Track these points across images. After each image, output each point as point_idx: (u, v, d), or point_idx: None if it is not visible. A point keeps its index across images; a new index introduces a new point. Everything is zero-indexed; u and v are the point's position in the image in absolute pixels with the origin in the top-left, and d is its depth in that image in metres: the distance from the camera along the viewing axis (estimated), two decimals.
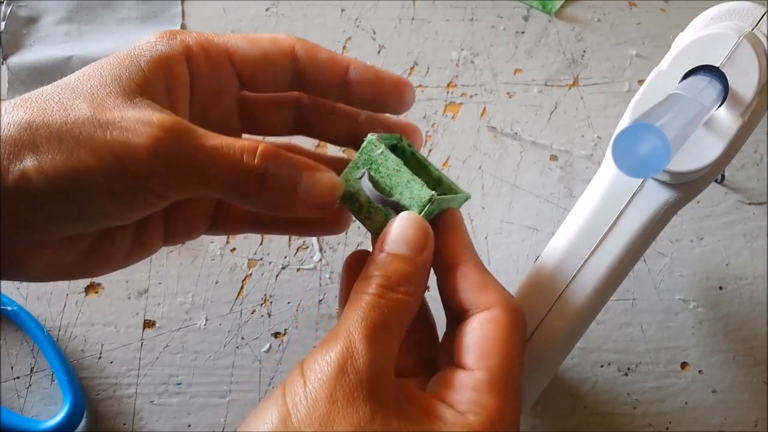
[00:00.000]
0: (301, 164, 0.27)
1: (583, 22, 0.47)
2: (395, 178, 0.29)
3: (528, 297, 0.33)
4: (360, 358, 0.24)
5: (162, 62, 0.27)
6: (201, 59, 0.28)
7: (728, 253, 0.41)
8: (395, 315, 0.26)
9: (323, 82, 0.30)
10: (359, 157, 0.29)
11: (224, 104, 0.30)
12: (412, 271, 0.26)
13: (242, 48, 0.29)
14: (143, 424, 0.36)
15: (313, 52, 0.30)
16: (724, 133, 0.30)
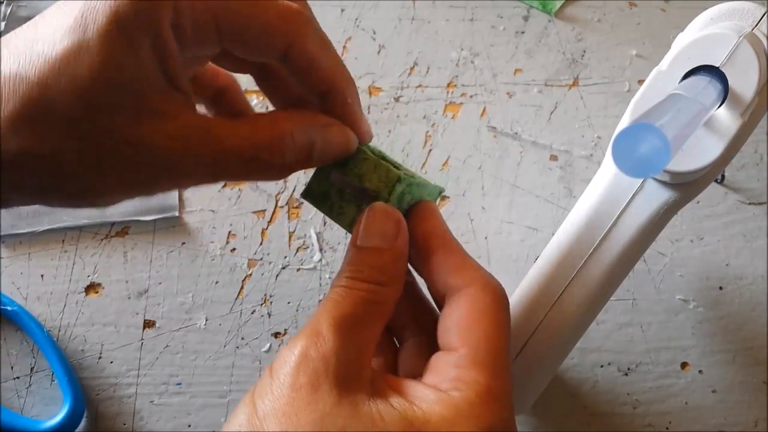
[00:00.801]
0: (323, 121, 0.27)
1: (583, 22, 0.47)
2: (363, 166, 0.28)
3: (528, 297, 0.33)
4: (325, 344, 0.23)
5: (153, 36, 0.23)
6: (186, 18, 0.24)
7: (728, 253, 0.41)
8: (367, 305, 0.25)
9: (302, 83, 0.27)
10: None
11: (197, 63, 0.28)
12: (385, 262, 0.26)
13: (239, 13, 0.24)
14: (143, 424, 0.36)
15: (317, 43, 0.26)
16: (724, 133, 0.30)
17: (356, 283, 0.25)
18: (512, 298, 0.34)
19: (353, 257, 0.26)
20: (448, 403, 0.23)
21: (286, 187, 0.42)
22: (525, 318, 0.33)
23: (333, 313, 0.24)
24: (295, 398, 0.22)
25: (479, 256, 0.40)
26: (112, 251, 0.39)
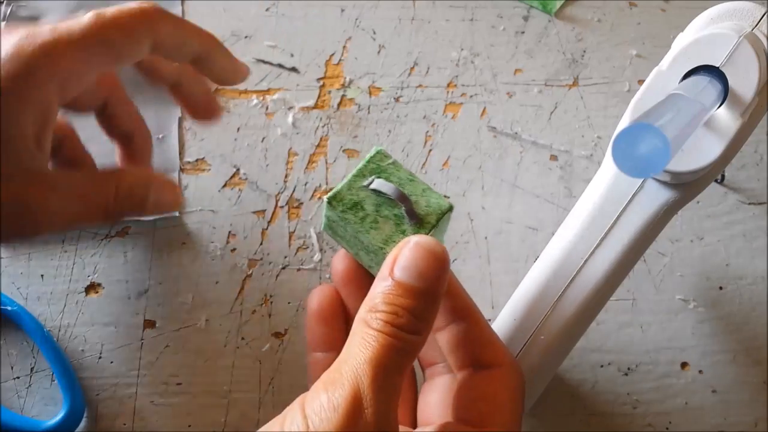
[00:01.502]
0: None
1: (583, 22, 0.47)
2: (409, 186, 0.28)
3: (528, 297, 0.33)
4: (369, 407, 0.22)
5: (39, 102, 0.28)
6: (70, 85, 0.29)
7: (728, 253, 0.41)
8: (402, 356, 0.23)
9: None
10: (365, 165, 0.28)
11: None
12: (424, 307, 0.24)
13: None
14: (143, 424, 0.36)
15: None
16: (724, 133, 0.30)
17: (395, 331, 0.23)
18: (512, 298, 0.34)
19: (389, 293, 0.24)
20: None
21: (286, 187, 0.42)
22: (525, 318, 0.33)
23: (373, 364, 0.23)
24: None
25: (479, 256, 0.40)
26: (112, 251, 0.39)
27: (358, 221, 0.27)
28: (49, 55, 0.27)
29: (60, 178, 0.29)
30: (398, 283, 0.24)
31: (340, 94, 0.44)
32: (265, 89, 0.44)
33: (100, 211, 0.30)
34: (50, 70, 0.27)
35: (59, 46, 0.27)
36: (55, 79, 0.27)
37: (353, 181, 0.28)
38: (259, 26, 0.46)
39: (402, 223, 0.27)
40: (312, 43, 0.46)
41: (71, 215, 0.29)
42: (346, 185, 0.28)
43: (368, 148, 0.43)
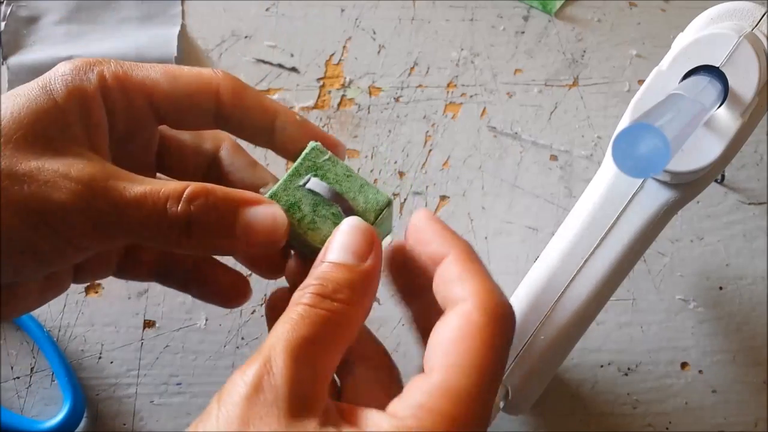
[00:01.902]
0: (238, 199, 0.25)
1: (583, 22, 0.47)
2: (346, 183, 0.27)
3: (528, 297, 0.33)
4: (278, 372, 0.21)
5: (79, 99, 0.25)
6: (117, 95, 0.26)
7: (728, 253, 0.41)
8: (330, 326, 0.23)
9: (248, 127, 0.28)
10: (301, 164, 0.27)
11: (140, 141, 0.29)
12: (354, 279, 0.24)
13: (162, 85, 0.27)
14: (143, 424, 0.36)
15: (239, 94, 0.28)
16: (724, 133, 0.30)
17: (320, 301, 0.23)
18: (512, 298, 0.34)
19: (320, 272, 0.24)
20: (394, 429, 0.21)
21: None
22: (525, 318, 0.33)
23: (290, 336, 0.22)
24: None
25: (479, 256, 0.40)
26: None
27: (296, 222, 0.26)
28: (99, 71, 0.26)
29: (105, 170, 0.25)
30: (328, 263, 0.24)
31: (340, 94, 0.44)
32: (265, 89, 0.44)
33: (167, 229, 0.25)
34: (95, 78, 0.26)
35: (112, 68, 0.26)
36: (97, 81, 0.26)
37: (289, 180, 0.27)
38: (259, 26, 0.46)
39: (340, 221, 0.26)
40: (312, 43, 0.46)
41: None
42: (282, 186, 0.27)
43: (368, 148, 0.43)
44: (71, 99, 0.25)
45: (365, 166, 0.42)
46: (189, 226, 0.24)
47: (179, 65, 0.28)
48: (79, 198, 0.23)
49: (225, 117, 0.28)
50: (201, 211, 0.24)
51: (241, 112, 0.28)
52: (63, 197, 0.23)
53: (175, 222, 0.24)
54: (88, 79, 0.26)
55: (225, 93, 0.28)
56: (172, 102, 0.27)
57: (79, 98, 0.25)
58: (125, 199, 0.24)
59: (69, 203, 0.23)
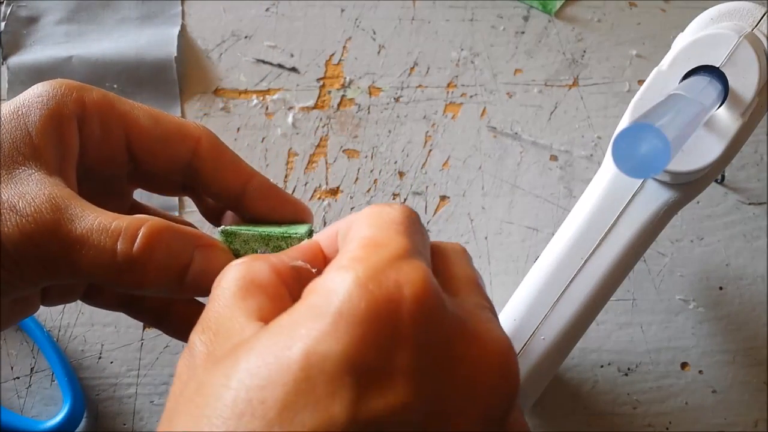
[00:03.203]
0: (195, 240, 0.24)
1: (583, 22, 0.47)
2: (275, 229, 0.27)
3: (528, 297, 0.33)
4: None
5: (53, 124, 0.25)
6: (95, 124, 0.26)
7: (728, 253, 0.41)
8: None
9: (219, 185, 0.28)
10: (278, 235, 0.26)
11: (111, 169, 0.28)
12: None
13: (143, 123, 0.27)
14: (143, 424, 0.36)
15: (217, 152, 0.28)
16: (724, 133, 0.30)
17: None
18: (512, 298, 0.34)
19: None
20: None
21: (286, 187, 0.42)
22: (525, 318, 0.33)
23: None
24: None
25: (479, 256, 0.40)
26: None
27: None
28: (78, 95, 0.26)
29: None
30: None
31: (340, 94, 0.44)
32: (265, 89, 0.44)
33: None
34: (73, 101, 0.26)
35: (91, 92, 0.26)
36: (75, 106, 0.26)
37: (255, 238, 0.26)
38: (259, 26, 0.46)
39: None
40: (312, 43, 0.46)
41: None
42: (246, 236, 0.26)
43: (368, 148, 0.43)
44: (45, 126, 0.24)
45: (365, 166, 0.42)
46: (144, 267, 0.23)
47: (163, 112, 0.27)
48: (23, 235, 0.22)
49: (197, 169, 0.27)
50: (159, 250, 0.23)
51: (215, 167, 0.27)
52: (9, 232, 0.22)
53: (122, 264, 0.23)
54: (65, 103, 0.25)
55: (205, 145, 0.27)
56: (149, 141, 0.27)
57: (55, 125, 0.25)
58: (72, 237, 0.23)
59: (15, 239, 0.22)
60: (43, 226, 0.23)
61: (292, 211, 0.28)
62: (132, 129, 0.27)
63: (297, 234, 0.26)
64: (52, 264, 0.23)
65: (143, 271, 0.23)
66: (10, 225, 0.22)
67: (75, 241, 0.23)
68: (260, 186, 0.28)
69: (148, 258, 0.23)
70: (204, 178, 0.28)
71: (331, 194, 0.42)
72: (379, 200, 0.42)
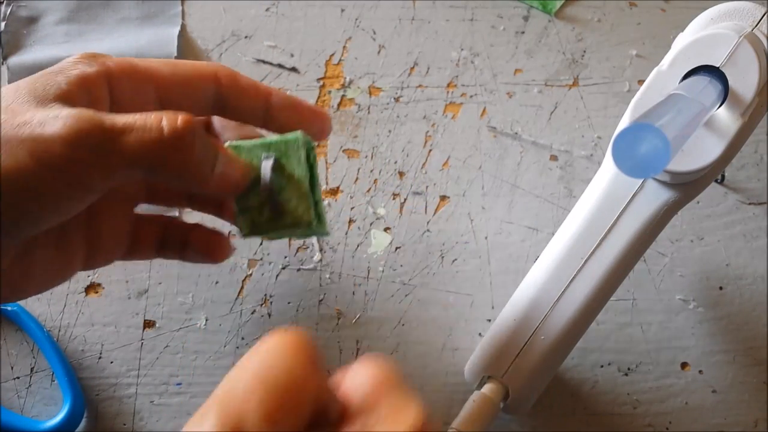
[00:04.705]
0: (217, 142, 0.28)
1: (583, 22, 0.47)
2: (292, 183, 0.29)
3: (528, 297, 0.33)
4: None
5: (81, 80, 0.27)
6: (123, 82, 0.28)
7: (728, 253, 0.41)
8: None
9: (245, 108, 0.31)
10: (276, 141, 0.29)
11: None
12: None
13: (164, 72, 0.29)
14: (143, 424, 0.36)
15: (235, 79, 0.30)
16: (724, 133, 0.30)
17: None
18: (512, 298, 0.34)
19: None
20: None
21: None
22: (525, 318, 0.33)
23: None
24: None
25: (479, 256, 0.40)
26: None
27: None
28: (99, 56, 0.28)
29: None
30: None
31: (340, 94, 0.44)
32: None
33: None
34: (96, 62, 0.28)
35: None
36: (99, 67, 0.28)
37: (257, 146, 0.29)
38: (259, 26, 0.46)
39: (264, 207, 0.29)
40: (312, 43, 0.46)
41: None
42: (249, 146, 0.29)
43: (368, 149, 0.43)
44: (74, 80, 0.26)
45: (365, 166, 0.42)
46: (184, 145, 0.25)
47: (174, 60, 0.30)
48: (70, 129, 0.24)
49: (224, 99, 0.30)
50: (196, 132, 0.26)
51: (238, 93, 0.30)
52: (56, 131, 0.24)
53: (170, 140, 0.25)
54: (89, 65, 0.27)
55: (223, 77, 0.30)
56: (175, 87, 0.29)
57: (82, 80, 0.27)
58: (118, 125, 0.25)
59: (63, 135, 0.24)
60: (87, 120, 0.24)
61: (310, 115, 0.31)
62: (158, 81, 0.29)
63: (292, 137, 0.29)
64: (102, 156, 0.24)
65: (188, 149, 0.25)
66: (57, 125, 0.24)
67: (120, 130, 0.25)
68: (279, 98, 0.31)
69: (189, 136, 0.25)
70: (231, 105, 0.30)
71: (331, 194, 0.42)
72: (379, 200, 0.42)
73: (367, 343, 0.38)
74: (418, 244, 0.40)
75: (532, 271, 0.34)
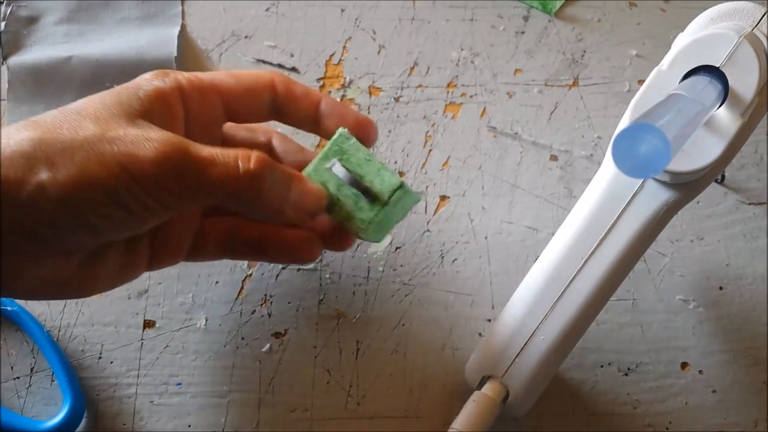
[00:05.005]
0: (291, 174, 0.30)
1: (583, 22, 0.47)
2: (366, 167, 0.31)
3: (528, 297, 0.33)
4: None
5: (159, 96, 0.29)
6: (194, 95, 0.31)
7: (728, 253, 0.41)
8: None
9: (298, 114, 0.33)
10: (330, 148, 0.32)
11: (213, 132, 0.33)
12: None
13: (228, 83, 0.32)
14: (143, 424, 0.36)
15: (290, 86, 0.33)
16: (724, 133, 0.30)
17: None
18: (512, 298, 0.34)
19: None
20: None
21: None
22: (525, 318, 0.33)
23: None
24: None
25: (479, 256, 0.40)
26: None
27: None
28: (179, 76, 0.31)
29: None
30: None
31: (340, 94, 0.44)
32: None
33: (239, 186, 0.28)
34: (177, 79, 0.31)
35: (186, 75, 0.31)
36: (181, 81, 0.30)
37: (319, 164, 0.32)
38: (259, 26, 0.46)
39: (360, 200, 0.31)
40: (312, 43, 0.46)
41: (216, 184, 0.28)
42: (313, 168, 0.32)
43: None
44: (153, 96, 0.29)
45: None
46: (260, 183, 0.28)
47: (235, 71, 0.32)
48: (161, 154, 0.26)
49: (279, 106, 0.33)
50: (266, 171, 0.28)
51: (292, 100, 0.33)
52: (148, 153, 0.26)
53: (245, 178, 0.28)
54: (165, 82, 0.30)
55: (279, 85, 0.33)
56: (237, 97, 0.32)
57: (160, 96, 0.29)
58: (202, 157, 0.27)
59: (153, 159, 0.26)
60: (176, 148, 0.27)
61: (355, 123, 0.33)
62: (224, 93, 0.32)
63: (337, 135, 0.32)
64: (187, 182, 0.27)
65: (259, 186, 0.28)
66: (149, 148, 0.26)
67: (204, 161, 0.27)
68: (328, 104, 0.33)
69: (261, 175, 0.28)
70: (286, 111, 0.33)
71: None
72: None
73: (367, 343, 0.38)
74: (418, 244, 0.40)
75: (532, 271, 0.34)
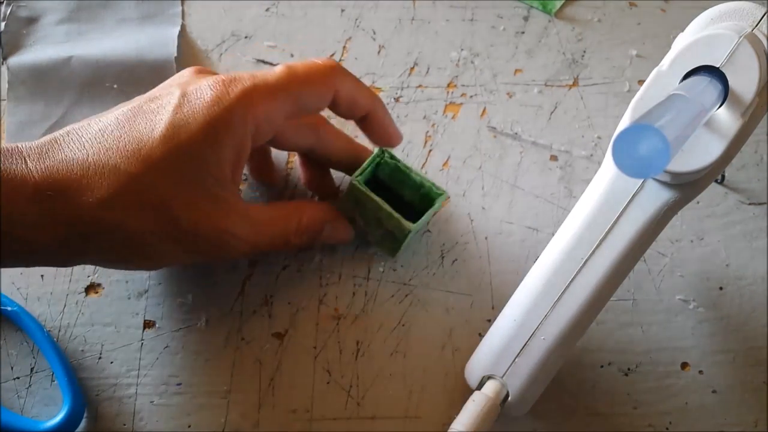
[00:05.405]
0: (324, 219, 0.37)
1: (583, 22, 0.47)
2: (380, 212, 0.36)
3: (528, 297, 0.33)
4: None
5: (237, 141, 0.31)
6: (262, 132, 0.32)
7: (728, 254, 0.41)
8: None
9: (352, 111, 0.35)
10: (372, 159, 0.37)
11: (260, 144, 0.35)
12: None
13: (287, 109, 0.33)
14: (143, 424, 0.36)
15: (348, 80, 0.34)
16: (725, 134, 0.30)
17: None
18: (512, 298, 0.34)
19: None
20: None
21: (286, 187, 0.42)
22: (525, 318, 0.33)
23: None
24: None
25: (479, 256, 0.40)
26: None
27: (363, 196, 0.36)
28: (246, 104, 0.31)
29: (252, 210, 0.33)
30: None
31: None
32: None
33: (281, 242, 0.35)
34: (247, 116, 0.31)
35: (255, 95, 0.31)
36: (250, 123, 0.31)
37: (365, 168, 0.37)
38: (259, 26, 0.46)
39: (382, 229, 0.37)
40: (312, 44, 0.46)
41: (257, 243, 0.34)
42: (359, 172, 0.36)
43: None
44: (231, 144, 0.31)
45: None
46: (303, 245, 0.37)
47: (271, 72, 0.33)
48: (244, 254, 0.34)
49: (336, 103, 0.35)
50: (310, 240, 0.37)
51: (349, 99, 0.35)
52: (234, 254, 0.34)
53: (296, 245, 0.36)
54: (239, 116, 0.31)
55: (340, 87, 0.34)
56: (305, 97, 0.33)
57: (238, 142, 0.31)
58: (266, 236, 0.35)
59: (244, 250, 0.34)
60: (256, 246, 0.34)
61: (386, 137, 0.37)
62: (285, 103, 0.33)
63: (376, 156, 0.38)
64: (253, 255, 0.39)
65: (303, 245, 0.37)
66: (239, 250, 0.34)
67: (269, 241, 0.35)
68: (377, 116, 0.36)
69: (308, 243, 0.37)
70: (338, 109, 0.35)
71: (332, 195, 0.42)
72: None
73: (367, 344, 0.38)
74: (418, 244, 0.40)
75: (532, 271, 0.34)
